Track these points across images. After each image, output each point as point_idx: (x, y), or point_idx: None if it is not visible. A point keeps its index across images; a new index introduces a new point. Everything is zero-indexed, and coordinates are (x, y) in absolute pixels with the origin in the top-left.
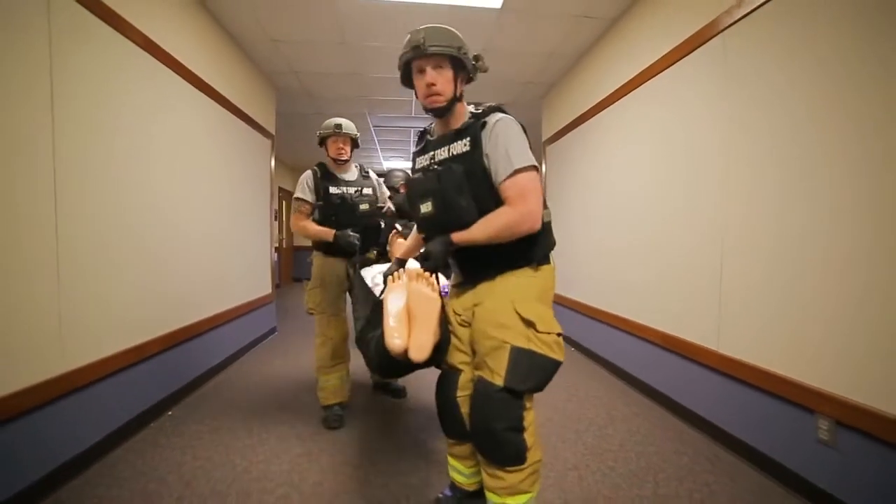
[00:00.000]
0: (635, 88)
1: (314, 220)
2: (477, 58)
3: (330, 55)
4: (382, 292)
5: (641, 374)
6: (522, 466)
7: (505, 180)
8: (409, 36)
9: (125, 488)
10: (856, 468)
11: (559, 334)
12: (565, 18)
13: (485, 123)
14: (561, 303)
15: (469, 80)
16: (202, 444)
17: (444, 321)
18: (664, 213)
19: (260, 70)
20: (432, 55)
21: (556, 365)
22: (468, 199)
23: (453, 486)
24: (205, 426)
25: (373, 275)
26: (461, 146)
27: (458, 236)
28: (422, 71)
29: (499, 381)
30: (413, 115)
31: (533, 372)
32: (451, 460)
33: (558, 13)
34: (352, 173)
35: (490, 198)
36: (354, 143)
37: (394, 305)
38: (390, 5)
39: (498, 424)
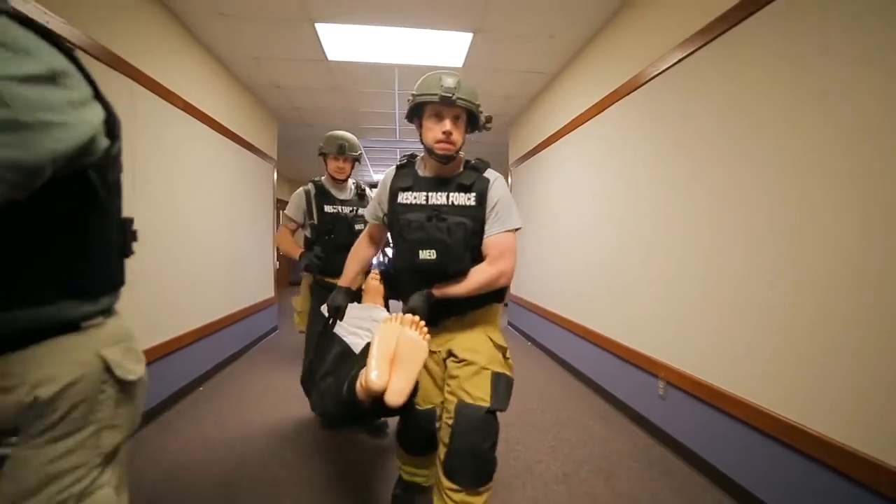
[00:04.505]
0: (574, 129)
1: (307, 237)
2: (489, 118)
3: (324, 96)
4: (329, 324)
5: (574, 361)
6: (489, 485)
7: (492, 236)
8: (430, 77)
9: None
10: (675, 411)
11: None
12: (515, 73)
13: (487, 181)
14: (521, 304)
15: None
16: (235, 402)
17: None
18: (596, 234)
19: (265, 107)
20: (457, 106)
21: (513, 381)
22: (469, 252)
23: (407, 487)
24: (229, 398)
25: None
26: (464, 199)
27: (440, 291)
28: (439, 116)
29: (484, 404)
30: (398, 138)
31: (507, 392)
32: (408, 468)
33: (508, 69)
34: (348, 192)
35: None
36: (356, 161)
37: (384, 345)
38: (373, 64)
39: (485, 444)
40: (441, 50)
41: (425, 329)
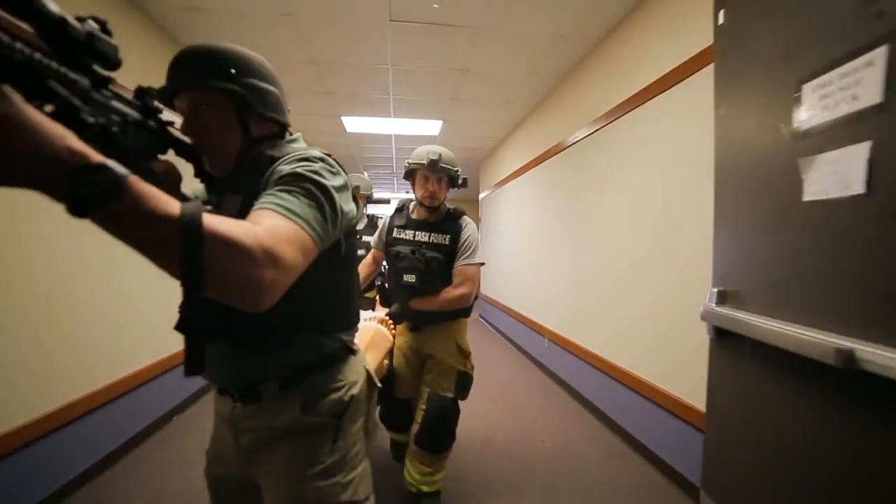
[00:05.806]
0: (520, 175)
1: None
2: (465, 180)
3: (340, 149)
4: None
5: (524, 344)
6: (447, 453)
7: (459, 266)
8: (421, 150)
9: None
10: (553, 356)
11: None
12: (475, 137)
13: (460, 225)
14: (490, 303)
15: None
16: None
17: (391, 363)
18: (531, 250)
19: None
20: (440, 171)
21: (472, 378)
22: (442, 278)
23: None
24: None
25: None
26: (442, 238)
27: (416, 304)
28: (426, 178)
29: (450, 394)
30: (394, 171)
31: (467, 385)
32: (393, 435)
33: (470, 135)
34: (360, 224)
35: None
36: (368, 199)
37: (362, 337)
38: (377, 134)
39: (451, 420)
40: (423, 127)
41: (392, 327)
